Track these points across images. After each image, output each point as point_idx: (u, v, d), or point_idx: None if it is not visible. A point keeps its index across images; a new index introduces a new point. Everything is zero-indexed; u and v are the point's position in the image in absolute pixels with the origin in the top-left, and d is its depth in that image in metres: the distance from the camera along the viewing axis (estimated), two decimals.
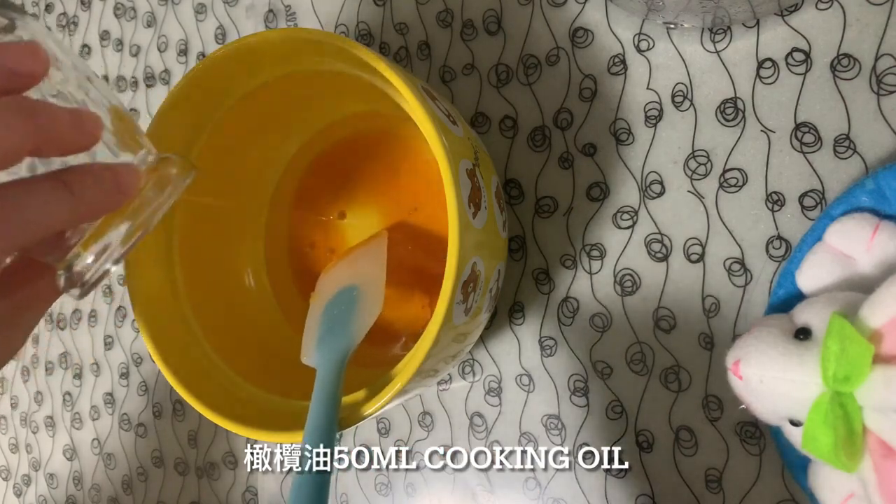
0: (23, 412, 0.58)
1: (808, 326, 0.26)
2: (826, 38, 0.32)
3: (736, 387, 0.27)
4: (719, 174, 0.33)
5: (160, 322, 0.34)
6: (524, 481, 0.38)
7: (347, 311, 0.32)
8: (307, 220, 0.42)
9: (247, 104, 0.36)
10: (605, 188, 0.36)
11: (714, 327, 0.34)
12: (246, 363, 0.36)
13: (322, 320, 0.33)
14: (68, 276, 0.24)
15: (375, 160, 0.40)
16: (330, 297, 0.34)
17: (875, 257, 0.27)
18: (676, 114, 0.34)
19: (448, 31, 0.40)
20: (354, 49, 0.29)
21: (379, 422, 0.42)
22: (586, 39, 0.37)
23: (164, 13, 0.50)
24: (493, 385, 0.39)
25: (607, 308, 0.36)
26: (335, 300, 0.34)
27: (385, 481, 0.42)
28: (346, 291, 0.34)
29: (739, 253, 0.33)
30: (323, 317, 0.33)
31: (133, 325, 0.52)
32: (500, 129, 0.39)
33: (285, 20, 0.45)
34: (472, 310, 0.30)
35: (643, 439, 0.35)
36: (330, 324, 0.32)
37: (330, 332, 0.32)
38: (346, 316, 0.32)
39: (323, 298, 0.35)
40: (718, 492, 0.33)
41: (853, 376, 0.23)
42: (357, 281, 0.34)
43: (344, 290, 0.34)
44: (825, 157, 0.32)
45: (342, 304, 0.33)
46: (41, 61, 0.21)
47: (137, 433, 0.51)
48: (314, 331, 0.33)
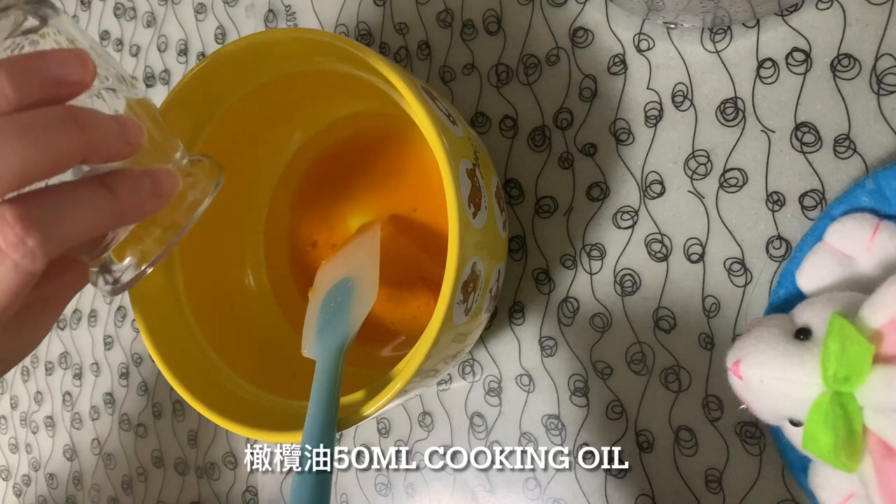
0: (23, 412, 0.58)
1: (809, 326, 0.26)
2: (826, 38, 0.32)
3: (736, 387, 0.27)
4: (719, 174, 0.33)
5: (160, 322, 0.34)
6: (524, 481, 0.38)
7: (344, 303, 0.33)
8: (307, 219, 0.42)
9: (247, 104, 0.36)
10: (605, 188, 0.36)
11: (714, 327, 0.34)
12: (246, 363, 0.36)
13: (320, 313, 0.34)
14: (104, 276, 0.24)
15: (375, 160, 0.40)
16: (327, 291, 0.35)
17: (875, 257, 0.27)
18: (676, 114, 0.34)
19: (448, 31, 0.40)
20: (354, 49, 0.29)
21: (379, 422, 0.42)
22: (586, 39, 0.37)
23: (164, 13, 0.50)
24: (493, 385, 0.39)
25: (607, 308, 0.36)
26: (332, 293, 0.35)
27: (385, 481, 0.42)
28: (342, 283, 0.34)
29: (739, 253, 0.33)
30: (321, 310, 0.34)
31: (133, 325, 0.52)
32: (500, 129, 0.39)
33: (285, 20, 0.45)
34: (472, 310, 0.30)
35: (643, 439, 0.35)
36: (328, 316, 0.33)
37: (328, 323, 0.32)
38: (343, 307, 0.33)
39: (320, 292, 0.36)
40: (718, 492, 0.33)
41: (853, 376, 0.23)
42: (352, 273, 0.35)
43: (340, 283, 0.35)
44: (825, 157, 0.32)
45: (339, 296, 0.34)
46: (89, 70, 0.22)
47: (137, 433, 0.51)
48: (313, 324, 0.33)
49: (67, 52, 0.22)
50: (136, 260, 0.25)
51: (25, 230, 0.19)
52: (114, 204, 0.22)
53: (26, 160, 0.20)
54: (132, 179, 0.23)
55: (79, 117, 0.21)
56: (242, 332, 0.39)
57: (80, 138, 0.21)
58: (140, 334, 0.44)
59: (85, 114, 0.21)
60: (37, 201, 0.20)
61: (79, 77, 0.22)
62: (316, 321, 0.33)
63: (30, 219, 0.20)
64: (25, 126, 0.20)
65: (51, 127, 0.20)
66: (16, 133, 0.19)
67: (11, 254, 0.19)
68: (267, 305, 0.42)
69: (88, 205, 0.21)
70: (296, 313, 0.41)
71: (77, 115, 0.21)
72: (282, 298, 0.42)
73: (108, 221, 0.22)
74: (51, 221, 0.20)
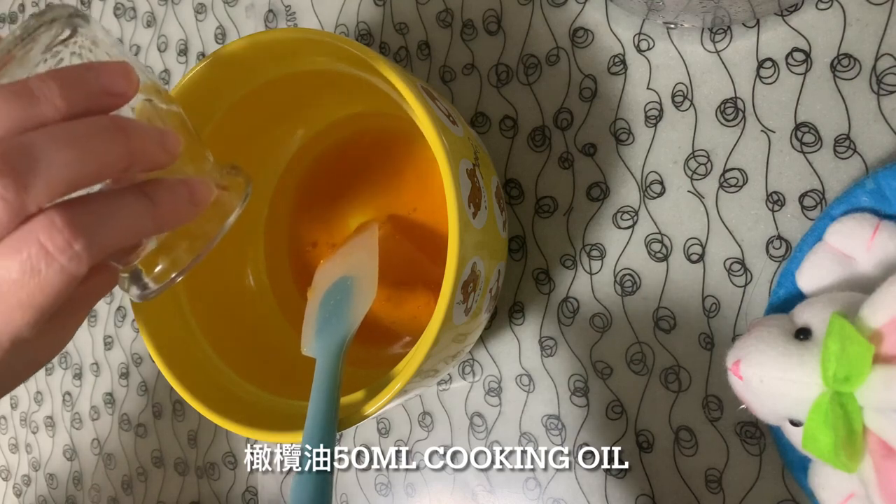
0: (23, 412, 0.58)
1: (809, 326, 0.26)
2: (826, 38, 0.32)
3: (736, 387, 0.27)
4: (719, 174, 0.33)
5: (160, 322, 0.34)
6: (524, 481, 0.38)
7: (343, 301, 0.33)
8: (307, 219, 0.42)
9: (247, 104, 0.36)
10: (605, 188, 0.36)
11: (714, 327, 0.34)
12: (246, 363, 0.36)
13: (319, 311, 0.34)
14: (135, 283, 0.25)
15: (375, 160, 0.40)
16: (326, 289, 0.35)
17: (875, 257, 0.27)
18: (676, 114, 0.34)
19: (448, 31, 0.40)
20: (354, 49, 0.29)
21: (379, 422, 0.42)
22: (586, 39, 0.37)
23: (164, 13, 0.50)
24: (493, 385, 0.39)
25: (607, 308, 0.36)
26: (331, 291, 0.35)
27: (385, 481, 0.42)
28: (341, 282, 0.35)
29: (739, 253, 0.33)
30: (320, 308, 0.34)
31: (133, 325, 0.52)
32: (500, 129, 0.39)
33: (285, 20, 0.45)
34: (472, 310, 0.30)
35: (643, 439, 0.35)
36: (327, 314, 0.33)
37: (327, 322, 0.32)
38: (342, 305, 0.33)
39: (319, 291, 0.36)
40: (718, 492, 0.33)
41: (853, 376, 0.23)
42: (351, 271, 0.35)
43: (339, 281, 0.35)
44: (825, 157, 0.32)
45: (338, 295, 0.34)
46: (132, 82, 0.23)
47: (137, 433, 0.51)
48: (313, 322, 0.34)
49: (114, 64, 0.23)
50: (167, 268, 0.26)
51: (73, 235, 0.20)
52: (153, 211, 0.23)
53: (76, 167, 0.20)
54: (170, 188, 0.24)
55: (124, 127, 0.22)
56: (242, 332, 0.39)
57: (124, 147, 0.22)
58: (140, 334, 0.44)
59: (129, 124, 0.22)
60: (83, 207, 0.21)
61: (123, 89, 0.23)
62: (315, 320, 0.33)
63: (77, 224, 0.20)
64: (76, 135, 0.21)
65: (99, 136, 0.21)
66: (66, 141, 0.20)
67: (59, 257, 0.20)
68: (267, 305, 0.42)
69: (130, 212, 0.22)
70: (296, 313, 0.41)
71: (122, 125, 0.22)
72: (282, 298, 0.42)
73: (148, 228, 0.23)
74: (96, 227, 0.21)
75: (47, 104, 0.21)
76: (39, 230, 0.20)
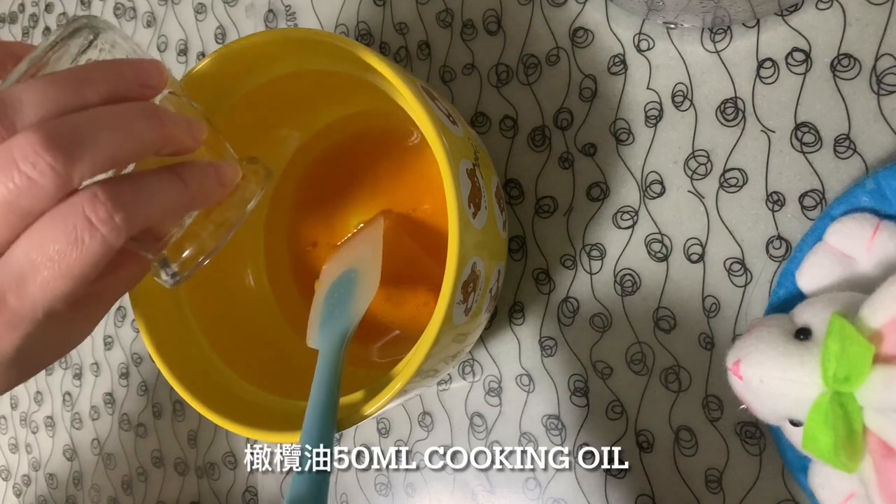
0: (22, 412, 0.58)
1: (809, 326, 0.26)
2: (826, 38, 0.32)
3: (736, 387, 0.27)
4: (719, 174, 0.33)
5: (160, 322, 0.34)
6: (524, 481, 0.38)
7: (347, 294, 0.34)
8: (307, 219, 0.42)
9: (246, 104, 0.36)
10: (605, 188, 0.36)
11: (714, 327, 0.34)
12: (246, 363, 0.36)
13: (324, 304, 0.34)
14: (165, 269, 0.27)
15: (375, 160, 0.40)
16: (331, 283, 0.36)
17: (875, 257, 0.27)
18: (676, 114, 0.34)
19: (448, 31, 0.40)
20: (354, 49, 0.29)
21: (379, 422, 0.42)
22: (586, 39, 0.37)
23: (164, 13, 0.50)
24: (493, 385, 0.39)
25: (607, 308, 0.36)
26: (336, 284, 0.35)
27: (385, 481, 0.42)
28: (346, 275, 0.35)
29: (739, 253, 0.33)
30: (325, 301, 0.35)
31: (133, 325, 0.52)
32: (500, 129, 0.39)
33: (285, 20, 0.45)
34: (472, 310, 0.30)
35: (643, 439, 0.35)
36: (331, 307, 0.34)
37: (331, 314, 0.33)
38: (345, 298, 0.33)
39: (325, 284, 0.36)
40: (718, 492, 0.33)
41: (853, 376, 0.23)
42: (355, 265, 0.36)
43: (343, 275, 0.35)
44: (825, 156, 0.32)
45: (342, 288, 0.34)
46: (163, 76, 0.26)
47: (137, 433, 0.51)
48: (318, 315, 0.34)
49: (147, 60, 0.26)
50: (194, 253, 0.27)
51: (115, 207, 0.22)
52: (184, 190, 0.25)
53: (117, 145, 0.22)
54: (199, 169, 0.26)
55: (158, 112, 0.24)
56: (242, 332, 0.39)
57: (159, 130, 0.24)
58: (140, 334, 0.44)
59: (161, 110, 0.24)
60: (122, 184, 0.23)
61: (155, 81, 0.25)
62: (320, 312, 0.34)
63: (118, 198, 0.22)
64: (118, 117, 0.23)
65: (137, 119, 0.23)
66: (109, 122, 0.22)
67: (101, 228, 0.22)
68: (267, 305, 0.42)
69: (164, 190, 0.24)
70: (296, 313, 0.41)
71: (156, 110, 0.24)
72: (282, 298, 0.42)
73: (180, 205, 0.25)
74: (134, 202, 0.23)
75: (91, 89, 0.23)
76: (84, 202, 0.22)
